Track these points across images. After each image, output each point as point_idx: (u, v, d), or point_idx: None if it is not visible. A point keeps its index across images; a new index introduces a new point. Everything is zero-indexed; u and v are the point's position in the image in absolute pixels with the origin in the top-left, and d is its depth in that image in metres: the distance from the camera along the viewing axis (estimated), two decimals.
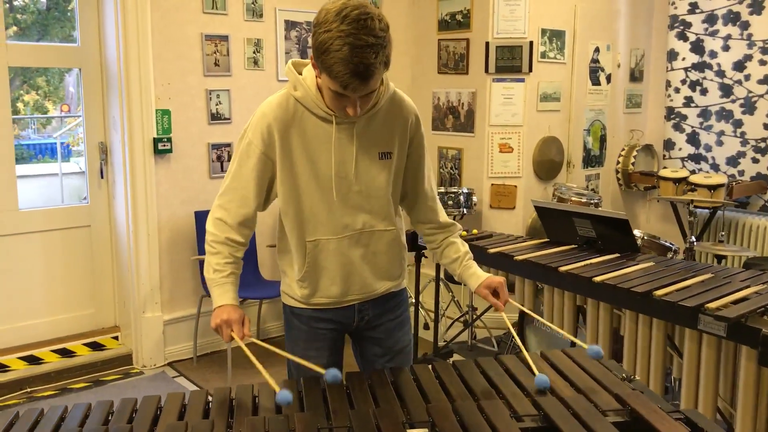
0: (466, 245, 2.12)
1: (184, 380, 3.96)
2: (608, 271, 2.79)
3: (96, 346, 4.11)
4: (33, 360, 3.89)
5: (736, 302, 2.39)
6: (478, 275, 2.05)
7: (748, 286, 2.56)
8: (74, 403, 1.73)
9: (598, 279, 2.69)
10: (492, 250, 3.23)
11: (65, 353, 4.00)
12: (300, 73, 1.87)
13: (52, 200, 4.16)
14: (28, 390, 3.75)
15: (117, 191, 4.06)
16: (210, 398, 1.74)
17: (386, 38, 1.66)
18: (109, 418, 1.66)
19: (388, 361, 2.08)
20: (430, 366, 1.89)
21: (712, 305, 2.33)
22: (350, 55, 1.60)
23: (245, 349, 1.82)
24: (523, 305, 3.26)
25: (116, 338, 4.20)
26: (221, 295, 1.89)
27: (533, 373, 1.76)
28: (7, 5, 3.94)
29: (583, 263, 2.94)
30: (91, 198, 4.12)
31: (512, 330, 2.02)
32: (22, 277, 3.92)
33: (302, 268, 1.95)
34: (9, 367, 3.81)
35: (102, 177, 4.12)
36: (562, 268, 2.86)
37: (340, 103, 1.76)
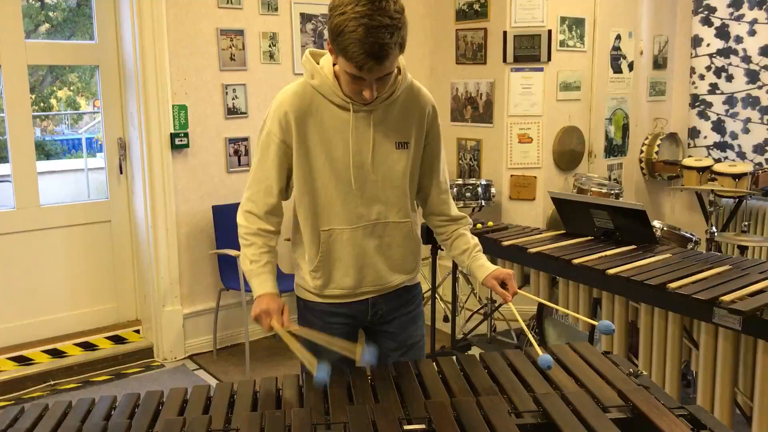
0: (476, 238, 2.10)
1: (203, 373, 3.99)
2: (623, 263, 2.75)
3: (118, 340, 4.17)
4: (56, 353, 3.96)
5: (753, 294, 2.34)
6: (486, 267, 2.02)
7: (766, 279, 2.49)
8: (101, 396, 1.75)
9: (612, 271, 2.65)
10: (506, 243, 3.19)
11: (88, 346, 4.06)
12: (317, 63, 1.88)
13: (79, 195, 4.20)
14: (52, 383, 3.82)
15: (136, 187, 4.10)
16: (234, 390, 1.74)
17: (401, 20, 1.67)
18: (135, 411, 1.67)
19: (402, 355, 2.07)
20: (433, 362, 1.88)
21: (727, 298, 2.28)
22: (365, 35, 1.61)
23: (286, 337, 1.79)
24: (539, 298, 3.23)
25: (137, 332, 4.26)
26: (260, 284, 1.91)
27: (537, 354, 1.73)
28: (39, 3, 3.98)
29: (598, 255, 2.90)
30: (111, 194, 4.17)
31: (521, 322, 1.97)
32: (45, 272, 3.99)
33: (315, 258, 1.95)
34: (33, 360, 3.88)
35: (121, 173, 4.16)
36: (576, 261, 2.82)
37: (356, 87, 1.76)
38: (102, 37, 4.01)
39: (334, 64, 1.81)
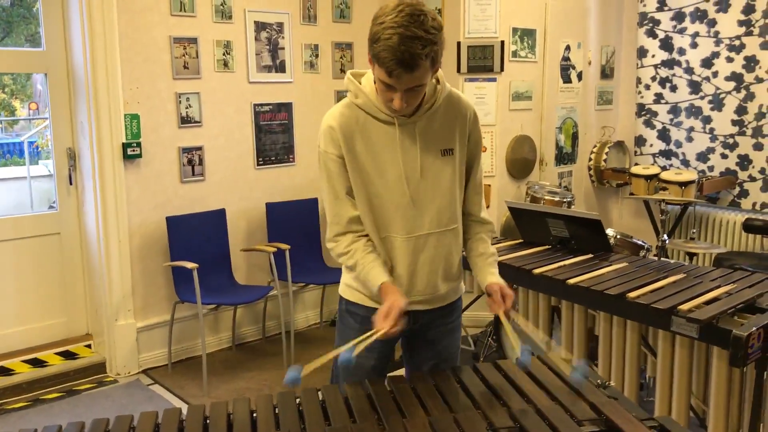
0: (494, 248, 2.14)
1: (159, 387, 3.91)
2: (582, 273, 2.81)
3: (68, 355, 4.05)
4: (3, 371, 3.82)
5: (708, 302, 2.42)
6: (495, 276, 2.05)
7: (719, 286, 2.59)
8: (68, 423, 1.68)
9: (572, 281, 2.71)
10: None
11: (37, 363, 3.93)
12: (359, 83, 1.94)
13: (21, 205, 4.07)
14: None
15: (86, 198, 3.99)
16: (183, 416, 1.71)
17: (437, 36, 1.74)
18: None
19: (435, 365, 2.10)
20: (406, 377, 1.89)
21: (685, 307, 2.35)
22: (398, 43, 1.68)
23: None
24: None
25: (89, 346, 4.14)
26: (375, 277, 1.92)
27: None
28: None
29: (556, 265, 2.96)
30: (60, 205, 4.05)
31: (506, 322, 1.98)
32: None
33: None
34: None
35: (71, 183, 4.04)
36: (536, 270, 2.88)
37: (388, 95, 1.81)
38: (50, 43, 3.89)
39: (375, 81, 1.87)
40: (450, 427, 1.57)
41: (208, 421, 1.68)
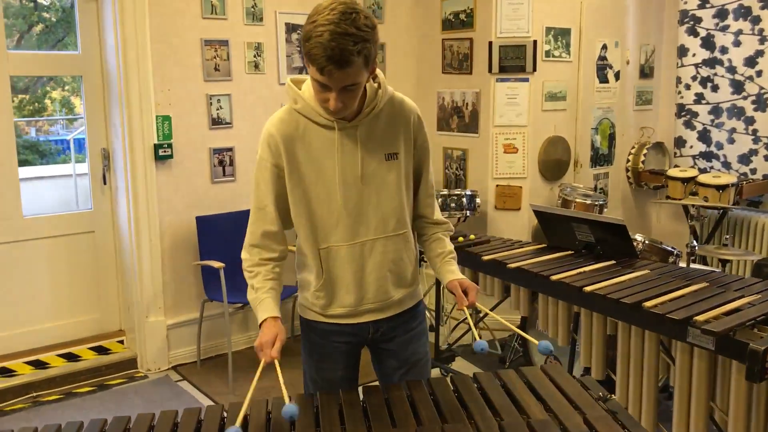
0: (452, 245, 2.13)
1: (186, 384, 3.99)
2: (601, 280, 2.75)
3: (101, 350, 4.16)
4: (39, 364, 3.95)
5: (728, 313, 2.34)
6: (454, 273, 2.05)
7: (742, 296, 2.50)
8: (90, 419, 1.73)
9: (588, 289, 2.65)
10: (486, 257, 3.19)
11: (71, 357, 4.05)
12: (299, 89, 1.93)
13: (67, 203, 4.17)
14: (34, 395, 3.80)
15: (119, 197, 4.09)
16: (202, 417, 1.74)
17: (369, 34, 1.72)
18: None
19: (405, 373, 2.09)
20: (405, 384, 1.88)
21: (701, 318, 2.28)
22: (329, 39, 1.66)
23: (278, 370, 1.77)
24: (519, 312, 3.23)
25: (121, 342, 4.25)
26: (262, 312, 1.91)
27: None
28: (32, 3, 3.95)
29: (576, 271, 2.90)
30: (94, 204, 4.16)
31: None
32: (28, 283, 3.97)
33: (321, 277, 1.98)
34: (15, 371, 3.87)
35: (105, 183, 4.15)
36: (554, 277, 2.83)
37: (323, 96, 1.78)
38: (85, 47, 4.00)
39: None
40: None
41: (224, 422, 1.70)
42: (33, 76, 4.99)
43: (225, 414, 1.75)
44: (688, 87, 5.10)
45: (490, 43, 4.46)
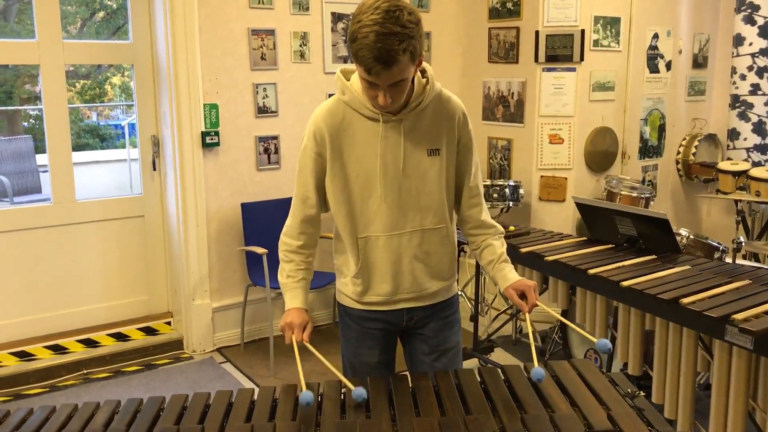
0: (504, 246, 2.12)
1: (230, 366, 4.09)
2: (640, 275, 2.71)
3: (149, 331, 4.29)
4: (90, 343, 4.10)
5: None
6: (507, 278, 2.04)
7: None
8: (105, 400, 1.82)
9: (625, 284, 2.62)
10: (524, 249, 3.18)
11: (120, 337, 4.20)
12: (348, 80, 1.96)
13: (122, 186, 4.28)
14: (85, 372, 3.96)
15: (168, 183, 4.21)
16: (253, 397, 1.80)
17: (414, 30, 1.73)
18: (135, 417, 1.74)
19: (435, 359, 2.11)
20: (433, 374, 1.90)
21: (740, 316, 2.23)
22: (374, 40, 1.69)
23: (296, 352, 1.89)
24: (557, 305, 3.22)
25: (169, 323, 4.38)
26: (291, 299, 2.02)
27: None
28: None
29: (615, 265, 2.86)
30: (144, 189, 4.28)
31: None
32: (80, 265, 4.13)
33: (357, 265, 2.02)
34: (68, 349, 4.03)
35: (154, 169, 4.27)
36: (591, 271, 2.80)
37: (372, 93, 1.83)
38: (137, 37, 4.11)
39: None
40: (458, 428, 1.57)
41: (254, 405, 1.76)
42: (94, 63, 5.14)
43: (254, 398, 1.80)
44: (743, 77, 4.94)
45: (537, 32, 4.41)
